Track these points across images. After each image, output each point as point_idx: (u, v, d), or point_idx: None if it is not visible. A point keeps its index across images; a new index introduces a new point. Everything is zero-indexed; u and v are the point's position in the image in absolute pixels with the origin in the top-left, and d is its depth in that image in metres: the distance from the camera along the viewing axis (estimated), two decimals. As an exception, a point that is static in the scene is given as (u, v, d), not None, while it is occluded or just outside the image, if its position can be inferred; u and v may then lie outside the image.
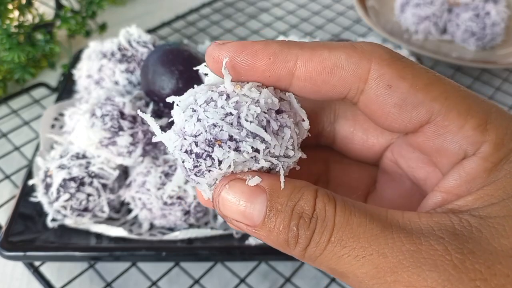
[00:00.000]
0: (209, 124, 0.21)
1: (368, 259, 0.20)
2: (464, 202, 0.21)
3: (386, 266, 0.19)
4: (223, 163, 0.21)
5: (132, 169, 0.47)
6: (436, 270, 0.19)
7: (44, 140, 0.51)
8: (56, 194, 0.43)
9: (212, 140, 0.21)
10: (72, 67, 0.59)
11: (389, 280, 0.19)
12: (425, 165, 0.25)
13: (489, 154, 0.21)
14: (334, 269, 0.21)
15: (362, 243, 0.20)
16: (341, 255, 0.20)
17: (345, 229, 0.20)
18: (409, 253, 0.19)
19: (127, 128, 0.43)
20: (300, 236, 0.20)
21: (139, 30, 0.53)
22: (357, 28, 0.83)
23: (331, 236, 0.20)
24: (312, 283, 0.46)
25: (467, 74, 0.73)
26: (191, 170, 0.22)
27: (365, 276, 0.20)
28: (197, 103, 0.22)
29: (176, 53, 0.46)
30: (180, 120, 0.22)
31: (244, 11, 0.87)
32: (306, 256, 0.21)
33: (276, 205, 0.21)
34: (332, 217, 0.20)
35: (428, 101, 0.21)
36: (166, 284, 0.45)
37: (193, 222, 0.46)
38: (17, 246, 0.42)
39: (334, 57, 0.22)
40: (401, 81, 0.22)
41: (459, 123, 0.21)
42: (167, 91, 0.45)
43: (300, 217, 0.20)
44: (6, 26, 0.61)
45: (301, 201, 0.21)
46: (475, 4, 0.73)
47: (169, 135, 0.23)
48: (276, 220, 0.21)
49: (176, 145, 0.22)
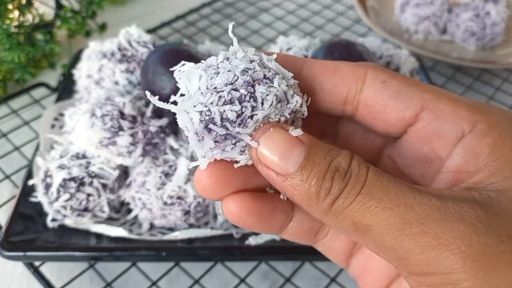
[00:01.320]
0: (240, 69, 0.22)
1: (395, 211, 0.20)
2: (478, 179, 0.22)
3: (413, 218, 0.20)
4: (265, 103, 0.21)
5: (132, 169, 0.47)
6: (463, 223, 0.19)
7: (44, 140, 0.51)
8: (56, 194, 0.43)
9: (250, 81, 0.21)
10: (72, 67, 0.59)
11: (416, 231, 0.20)
12: (422, 161, 0.26)
13: (486, 130, 0.23)
14: (359, 222, 0.21)
15: (390, 196, 0.20)
16: (368, 206, 0.20)
17: (376, 183, 0.21)
18: (436, 207, 0.20)
19: (127, 128, 0.43)
20: (333, 187, 0.21)
21: (139, 30, 0.53)
22: (357, 28, 0.83)
23: (362, 188, 0.21)
24: (312, 283, 0.46)
25: (467, 74, 0.73)
26: (234, 122, 0.21)
27: (391, 227, 0.20)
28: (215, 64, 0.22)
29: (176, 53, 0.46)
30: (202, 82, 0.22)
31: (244, 11, 0.87)
32: (332, 209, 0.21)
33: (314, 157, 0.21)
34: (365, 174, 0.21)
35: (419, 92, 0.24)
36: (166, 284, 0.46)
37: (193, 222, 0.46)
38: (17, 246, 0.42)
39: (334, 63, 0.25)
40: (393, 79, 0.25)
41: (452, 107, 0.24)
42: (167, 91, 0.45)
43: (336, 170, 0.21)
44: (6, 26, 0.61)
45: (339, 157, 0.22)
46: (475, 4, 0.73)
47: (193, 101, 0.22)
48: (312, 171, 0.21)
49: (211, 101, 0.21)
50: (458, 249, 0.19)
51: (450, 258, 0.19)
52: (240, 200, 0.25)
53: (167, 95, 0.45)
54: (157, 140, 0.45)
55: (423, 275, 0.20)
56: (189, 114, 0.22)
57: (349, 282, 0.45)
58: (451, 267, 0.19)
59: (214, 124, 0.21)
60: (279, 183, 0.22)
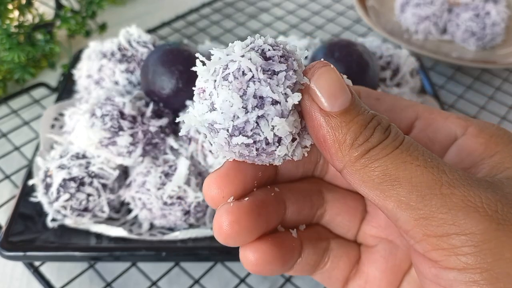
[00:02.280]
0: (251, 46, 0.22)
1: (429, 171, 0.21)
2: (482, 174, 0.23)
3: (444, 179, 0.20)
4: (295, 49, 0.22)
5: (132, 169, 0.47)
6: (490, 192, 0.20)
7: (44, 140, 0.51)
8: (56, 194, 0.43)
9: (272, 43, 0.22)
10: (72, 67, 0.59)
11: (446, 192, 0.20)
12: None
13: (477, 132, 0.24)
14: (390, 174, 0.21)
15: (425, 156, 0.21)
16: (404, 161, 0.21)
17: (413, 144, 0.22)
18: (464, 176, 0.21)
19: (127, 128, 0.43)
20: (373, 136, 0.21)
21: (139, 30, 0.53)
22: (357, 28, 0.83)
23: (400, 144, 0.21)
24: (312, 283, 0.46)
25: (467, 74, 0.73)
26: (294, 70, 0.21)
27: (422, 184, 0.20)
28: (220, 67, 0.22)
29: (176, 53, 0.46)
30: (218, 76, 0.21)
31: (244, 11, 0.87)
32: (365, 157, 0.21)
33: (360, 107, 0.22)
34: (403, 135, 0.22)
35: (412, 105, 0.26)
36: (166, 284, 0.46)
37: (193, 222, 0.46)
38: (17, 246, 0.42)
39: None
40: (385, 96, 0.26)
41: (443, 116, 0.26)
42: (167, 91, 0.45)
43: (379, 124, 0.22)
44: (6, 26, 0.61)
45: (380, 116, 0.22)
46: (475, 4, 0.73)
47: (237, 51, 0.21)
48: (357, 117, 0.21)
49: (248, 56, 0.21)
50: (485, 212, 0.20)
51: (476, 219, 0.20)
52: (264, 251, 0.24)
53: (167, 95, 0.45)
54: (157, 140, 0.45)
55: (443, 235, 0.20)
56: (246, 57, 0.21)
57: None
58: (476, 226, 0.19)
59: (269, 51, 0.21)
60: (317, 119, 0.22)
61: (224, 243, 0.24)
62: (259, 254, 0.24)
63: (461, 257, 0.20)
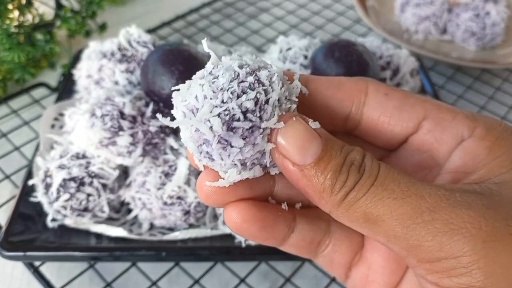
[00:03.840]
0: (237, 65, 0.22)
1: (407, 201, 0.21)
2: (477, 176, 0.24)
3: (424, 206, 0.21)
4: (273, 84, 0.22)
5: (132, 169, 0.47)
6: (472, 209, 0.20)
7: (44, 140, 0.51)
8: (56, 194, 0.43)
9: (250, 71, 0.22)
10: (72, 67, 0.59)
11: (427, 219, 0.20)
12: (422, 169, 0.27)
13: (484, 134, 0.24)
14: (370, 213, 0.21)
15: (402, 187, 0.21)
16: (381, 197, 0.21)
17: (387, 176, 0.22)
18: (445, 197, 0.21)
19: (127, 128, 0.43)
20: (348, 180, 0.21)
21: (139, 30, 0.53)
22: (357, 28, 0.83)
23: (375, 180, 0.21)
24: (312, 283, 0.46)
25: (467, 74, 0.73)
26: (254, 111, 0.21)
27: (403, 216, 0.21)
28: (207, 72, 0.22)
29: (176, 53, 0.46)
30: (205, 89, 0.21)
31: (244, 11, 0.87)
32: (345, 201, 0.22)
33: (331, 151, 0.22)
34: (377, 167, 0.22)
35: (421, 102, 0.25)
36: (166, 284, 0.46)
37: (193, 222, 0.46)
38: (17, 246, 0.42)
39: (337, 78, 0.26)
40: (394, 91, 0.26)
41: (451, 114, 0.25)
42: (167, 91, 0.45)
43: (352, 164, 0.22)
44: (6, 26, 0.61)
45: (353, 152, 0.22)
46: (475, 4, 0.73)
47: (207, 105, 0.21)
48: (329, 163, 0.22)
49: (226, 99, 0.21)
50: (469, 233, 0.20)
51: (461, 242, 0.20)
52: (243, 208, 0.25)
53: (167, 95, 0.45)
54: (157, 140, 0.45)
55: (434, 261, 0.21)
56: (207, 123, 0.21)
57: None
58: (462, 249, 0.20)
59: (237, 121, 0.21)
60: (294, 174, 0.22)
61: (205, 202, 0.25)
62: (240, 212, 0.25)
63: (454, 279, 0.20)
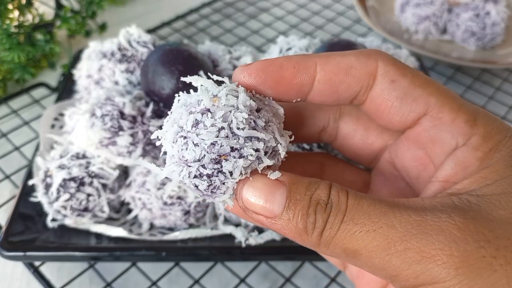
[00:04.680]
0: (208, 145, 0.22)
1: (378, 232, 0.21)
2: (461, 186, 0.23)
3: (396, 236, 0.21)
4: (234, 173, 0.22)
5: (132, 169, 0.47)
6: (442, 233, 0.20)
7: (44, 140, 0.51)
8: (56, 194, 0.43)
9: (217, 157, 0.22)
10: (72, 67, 0.59)
11: (400, 249, 0.21)
12: (418, 163, 0.27)
13: (479, 144, 0.24)
14: (348, 248, 0.22)
15: (372, 218, 0.21)
16: (353, 232, 0.21)
17: (356, 209, 0.22)
18: (416, 222, 0.21)
19: (127, 128, 0.43)
20: (317, 220, 0.22)
21: (139, 30, 0.53)
22: (357, 28, 0.83)
23: (344, 216, 0.22)
24: (312, 283, 0.46)
25: (467, 74, 0.73)
26: (206, 190, 0.23)
27: (377, 248, 0.21)
28: (185, 129, 0.23)
29: (176, 53, 0.46)
30: (175, 151, 0.23)
31: (244, 11, 0.87)
32: (322, 240, 0.22)
33: (296, 195, 0.22)
34: (345, 201, 0.22)
35: (425, 95, 0.24)
36: (166, 284, 0.45)
37: (193, 222, 0.46)
38: (17, 246, 0.42)
39: (346, 59, 0.25)
40: (402, 77, 0.25)
41: (452, 116, 0.24)
42: (167, 91, 0.45)
43: (317, 203, 0.22)
44: (6, 26, 0.61)
45: (318, 191, 0.23)
46: (475, 4, 0.73)
47: (171, 168, 0.23)
48: (296, 209, 0.22)
49: (183, 175, 0.23)
50: (441, 260, 0.20)
51: (435, 270, 0.20)
52: None
53: (167, 95, 0.45)
54: (157, 140, 0.45)
55: (415, 287, 0.21)
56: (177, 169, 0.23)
57: (348, 282, 0.45)
58: (437, 277, 0.20)
59: (201, 179, 0.23)
60: (270, 226, 0.23)
61: None
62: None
63: None
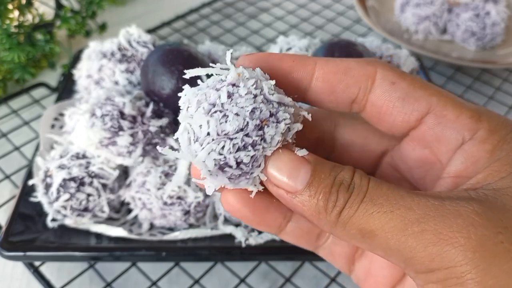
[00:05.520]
0: (249, 111, 0.22)
1: (396, 214, 0.21)
2: (475, 180, 0.23)
3: (413, 218, 0.21)
4: (274, 139, 0.23)
5: (132, 169, 0.47)
6: (461, 217, 0.20)
7: (44, 140, 0.51)
8: (56, 194, 0.43)
9: (259, 124, 0.22)
10: (72, 67, 0.59)
11: (416, 230, 0.21)
12: (423, 164, 0.27)
13: (486, 137, 0.24)
14: (364, 228, 0.22)
15: (390, 200, 0.22)
16: (371, 212, 0.22)
17: (376, 191, 0.22)
18: (434, 206, 0.21)
19: (127, 128, 0.43)
20: (338, 199, 0.22)
21: (139, 30, 0.53)
22: (357, 28, 0.83)
23: (364, 197, 0.22)
24: (312, 283, 0.46)
25: (467, 74, 0.73)
26: (248, 164, 0.22)
27: (393, 229, 0.21)
28: (219, 103, 0.22)
29: (176, 53, 0.46)
30: (211, 127, 0.22)
31: (244, 11, 0.87)
32: (339, 220, 0.22)
33: (320, 174, 0.23)
34: (366, 184, 0.23)
35: (426, 95, 0.25)
36: (166, 284, 0.46)
37: (193, 222, 0.46)
38: (17, 246, 0.42)
39: (346, 62, 0.26)
40: (402, 80, 0.25)
41: (456, 113, 0.24)
42: (167, 91, 0.45)
43: (341, 184, 0.23)
44: (6, 26, 0.61)
45: (342, 172, 0.23)
46: (475, 4, 0.73)
47: (209, 147, 0.22)
48: (319, 186, 0.23)
49: (226, 150, 0.22)
50: (458, 243, 0.20)
51: (451, 252, 0.20)
52: (238, 192, 0.26)
53: (167, 95, 0.45)
54: (157, 140, 0.45)
55: (429, 272, 0.21)
56: (202, 162, 0.22)
57: (348, 282, 0.45)
58: (453, 260, 0.20)
59: (229, 167, 0.22)
60: (290, 201, 0.23)
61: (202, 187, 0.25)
62: (235, 196, 0.26)
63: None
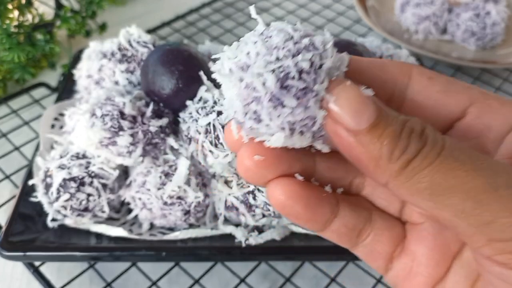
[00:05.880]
0: (290, 28, 0.21)
1: (480, 174, 0.19)
2: None
3: (500, 181, 0.19)
4: (327, 50, 0.21)
5: (132, 169, 0.47)
6: None
7: (44, 140, 0.51)
8: (56, 194, 0.43)
9: (304, 35, 0.21)
10: (72, 67, 0.59)
11: (504, 194, 0.19)
12: None
13: None
14: (439, 184, 0.19)
15: (473, 159, 0.19)
16: (451, 168, 0.19)
17: (455, 147, 0.20)
18: None
19: (127, 128, 0.43)
20: (410, 146, 0.20)
21: (139, 30, 0.53)
22: (357, 28, 0.83)
23: (442, 150, 0.20)
24: (312, 283, 0.46)
25: (467, 74, 0.73)
26: (309, 73, 0.20)
27: (475, 190, 0.19)
28: (260, 32, 0.22)
29: (176, 53, 0.46)
30: (259, 46, 0.20)
31: (244, 11, 0.87)
32: (406, 169, 0.20)
33: (388, 116, 0.20)
34: (442, 139, 0.20)
35: (466, 89, 0.24)
36: (166, 284, 0.46)
37: (193, 222, 0.46)
38: (17, 246, 0.42)
39: (380, 60, 0.25)
40: (439, 76, 0.24)
41: (499, 101, 0.23)
42: (167, 91, 0.45)
43: (412, 131, 0.20)
44: (6, 26, 0.61)
45: (412, 120, 0.21)
46: (475, 4, 0.73)
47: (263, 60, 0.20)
48: (386, 129, 0.20)
49: (282, 56, 0.20)
50: None
51: None
52: (287, 185, 0.23)
53: (167, 95, 0.45)
54: (157, 140, 0.45)
55: (508, 240, 0.19)
56: (260, 78, 0.20)
57: (349, 282, 0.45)
58: None
59: (292, 79, 0.20)
60: (347, 140, 0.20)
61: (244, 177, 0.23)
62: (284, 189, 0.23)
63: None
